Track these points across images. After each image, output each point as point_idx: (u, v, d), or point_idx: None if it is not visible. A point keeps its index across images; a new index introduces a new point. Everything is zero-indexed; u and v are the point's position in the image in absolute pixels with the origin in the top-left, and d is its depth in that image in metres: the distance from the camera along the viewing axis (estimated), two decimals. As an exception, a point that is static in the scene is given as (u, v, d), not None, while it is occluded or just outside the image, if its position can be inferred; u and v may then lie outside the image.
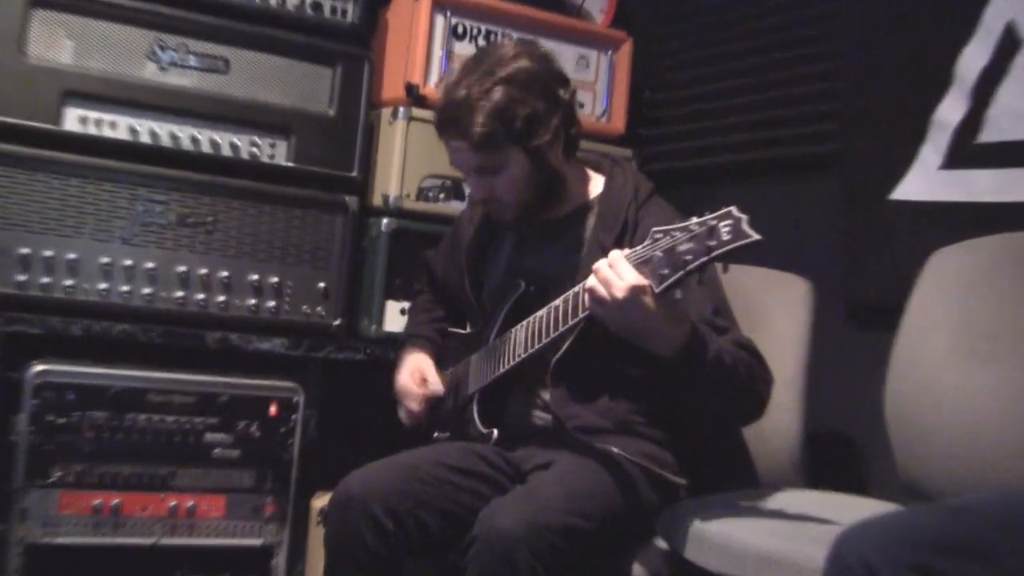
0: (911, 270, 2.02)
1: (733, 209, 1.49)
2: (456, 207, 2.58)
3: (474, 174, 1.94)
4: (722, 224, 1.48)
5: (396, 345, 2.34)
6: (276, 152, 2.49)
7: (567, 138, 1.96)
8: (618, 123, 2.87)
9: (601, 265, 1.62)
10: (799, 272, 2.24)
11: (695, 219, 1.53)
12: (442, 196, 2.66)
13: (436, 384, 2.11)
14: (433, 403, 2.12)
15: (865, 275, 2.38)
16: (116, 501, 2.27)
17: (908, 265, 2.07)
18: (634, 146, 2.91)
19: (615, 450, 1.87)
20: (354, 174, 2.56)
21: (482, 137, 1.85)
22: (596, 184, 2.05)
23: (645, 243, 1.60)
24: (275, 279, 2.47)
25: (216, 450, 2.36)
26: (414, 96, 2.60)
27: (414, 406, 2.12)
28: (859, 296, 2.41)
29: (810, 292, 2.20)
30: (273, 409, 2.41)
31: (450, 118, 1.89)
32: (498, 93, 1.85)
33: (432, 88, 2.60)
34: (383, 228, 2.60)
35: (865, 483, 2.34)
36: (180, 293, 2.38)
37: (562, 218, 2.02)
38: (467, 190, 2.51)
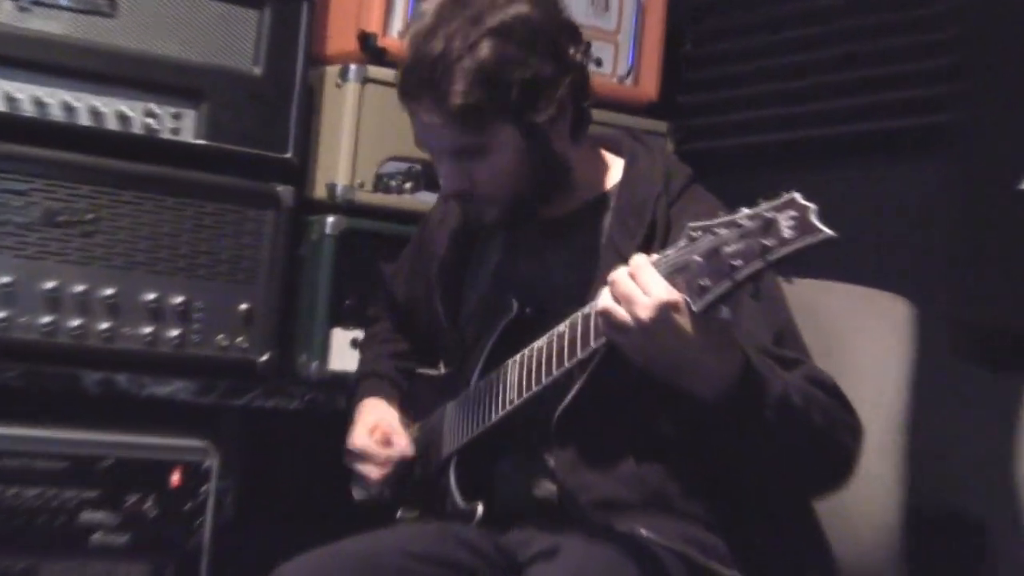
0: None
1: (796, 195, 1.47)
2: (428, 200, 2.58)
3: (448, 158, 1.94)
4: (782, 216, 1.47)
5: (346, 390, 2.34)
6: (181, 125, 2.50)
7: (576, 114, 1.96)
8: (648, 87, 2.89)
9: (620, 276, 1.61)
10: (898, 290, 2.25)
11: (745, 210, 1.52)
12: (408, 186, 2.67)
13: (404, 444, 2.10)
14: (400, 470, 2.12)
15: (988, 294, 2.38)
16: (-43, 605, 2.27)
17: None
18: (670, 118, 2.92)
19: (644, 532, 1.86)
20: (288, 155, 2.58)
21: (463, 108, 1.84)
22: (615, 171, 2.05)
23: (679, 243, 1.60)
24: (180, 299, 2.48)
25: (95, 535, 2.36)
26: (370, 50, 2.62)
27: (375, 473, 2.11)
28: (980, 323, 2.41)
29: (913, 317, 2.20)
30: (175, 478, 2.41)
31: (419, 81, 1.88)
32: (487, 49, 1.84)
33: (395, 39, 2.62)
34: (328, 229, 2.62)
35: (990, 581, 2.34)
36: (47, 319, 2.38)
37: (567, 216, 2.02)
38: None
